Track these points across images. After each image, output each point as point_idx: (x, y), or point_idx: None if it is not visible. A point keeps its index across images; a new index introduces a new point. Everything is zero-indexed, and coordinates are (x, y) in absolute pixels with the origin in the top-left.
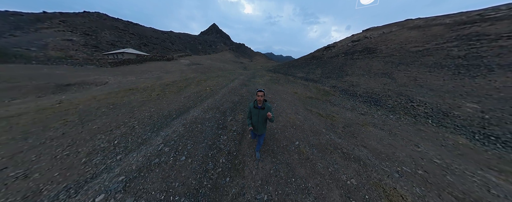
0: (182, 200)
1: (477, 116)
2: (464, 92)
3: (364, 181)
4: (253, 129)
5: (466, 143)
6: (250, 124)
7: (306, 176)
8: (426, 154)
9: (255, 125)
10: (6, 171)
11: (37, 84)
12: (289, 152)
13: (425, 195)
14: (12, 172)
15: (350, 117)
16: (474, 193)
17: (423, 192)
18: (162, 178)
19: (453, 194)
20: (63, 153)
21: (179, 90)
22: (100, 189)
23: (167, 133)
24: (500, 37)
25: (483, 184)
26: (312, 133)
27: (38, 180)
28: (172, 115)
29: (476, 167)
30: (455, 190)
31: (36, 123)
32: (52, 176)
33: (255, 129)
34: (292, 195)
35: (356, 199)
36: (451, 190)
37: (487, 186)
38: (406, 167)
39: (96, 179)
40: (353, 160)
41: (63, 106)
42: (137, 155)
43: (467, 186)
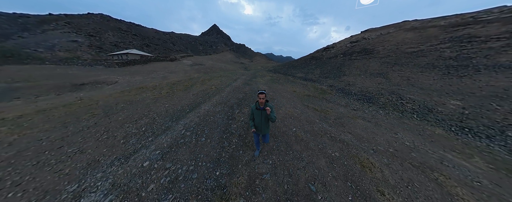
0: (208, 165)
1: (458, 112)
2: (451, 91)
3: (345, 154)
4: (256, 129)
5: (441, 133)
6: (253, 126)
7: (300, 150)
8: (401, 139)
9: (258, 126)
10: (64, 148)
11: (55, 83)
12: (288, 135)
13: (390, 163)
14: (69, 149)
15: (342, 112)
16: (428, 163)
17: (389, 161)
18: (189, 151)
19: (412, 163)
20: (102, 137)
21: (186, 88)
22: (144, 158)
23: (185, 122)
24: (489, 39)
25: (439, 159)
26: (307, 122)
27: (92, 154)
28: (186, 109)
29: (440, 149)
30: (414, 161)
31: (68, 115)
32: (102, 151)
33: (259, 130)
34: (290, 161)
35: (337, 165)
36: (411, 161)
37: (441, 160)
38: (381, 147)
39: (138, 153)
40: (339, 141)
41: (84, 102)
42: (165, 137)
43: (425, 159)
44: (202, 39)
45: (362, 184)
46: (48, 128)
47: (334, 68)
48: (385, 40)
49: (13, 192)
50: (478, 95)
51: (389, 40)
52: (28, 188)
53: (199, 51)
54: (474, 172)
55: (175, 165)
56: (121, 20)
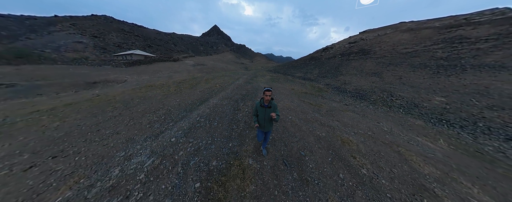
0: (222, 140)
1: (440, 107)
2: (438, 89)
3: (330, 135)
4: (259, 126)
5: (420, 124)
6: (256, 121)
7: (294, 131)
8: (381, 127)
9: (261, 123)
10: (102, 131)
11: (70, 81)
12: (284, 121)
13: (365, 141)
14: (106, 131)
15: (335, 106)
16: (397, 142)
17: (364, 140)
18: (205, 131)
19: (383, 141)
20: (130, 123)
21: (192, 87)
22: (170, 136)
23: (198, 112)
24: (479, 41)
25: (408, 140)
26: (302, 113)
27: (127, 134)
28: (196, 103)
29: (413, 134)
30: (386, 140)
31: (93, 108)
32: (133, 132)
33: (262, 126)
34: (286, 137)
35: (323, 140)
36: (383, 140)
37: (409, 141)
38: (361, 131)
39: (163, 133)
40: (326, 126)
41: (102, 98)
42: (183, 123)
43: (395, 140)
44: (203, 39)
45: (340, 152)
46: (81, 117)
47: (332, 68)
48: (382, 41)
49: (78, 157)
50: (461, 92)
51: (385, 41)
52: (88, 155)
53: (200, 51)
54: (433, 149)
55: (196, 140)
56: (124, 22)
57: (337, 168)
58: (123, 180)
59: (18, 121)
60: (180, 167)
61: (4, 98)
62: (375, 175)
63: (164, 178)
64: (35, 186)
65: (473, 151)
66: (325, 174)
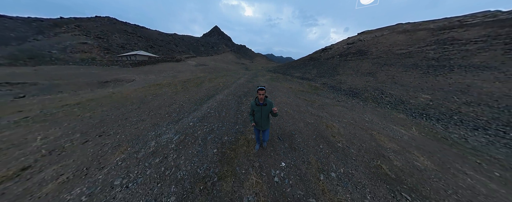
0: (230, 124)
1: (424, 103)
2: (425, 87)
3: (317, 122)
4: (256, 125)
5: (402, 117)
6: (253, 120)
7: (288, 119)
8: (364, 118)
9: (258, 121)
10: (129, 119)
11: (85, 81)
12: (281, 112)
13: (346, 126)
14: (132, 119)
15: (327, 102)
16: (373, 128)
17: (346, 126)
18: (216, 119)
19: (361, 127)
20: (150, 113)
21: (197, 85)
22: (188, 122)
23: (207, 105)
24: (468, 42)
25: (383, 127)
26: (296, 106)
27: (151, 121)
28: (204, 98)
29: (391, 124)
30: (364, 126)
31: (113, 102)
32: (156, 120)
33: (259, 125)
34: (281, 123)
35: (311, 125)
36: (361, 126)
37: (384, 128)
38: (345, 120)
39: (182, 120)
40: (316, 116)
41: (118, 95)
42: (196, 113)
43: (372, 126)
44: (204, 40)
45: (323, 133)
46: (106, 110)
47: (329, 68)
48: (379, 42)
49: (118, 135)
50: (445, 90)
51: (382, 42)
52: (125, 134)
53: (200, 52)
54: (402, 133)
55: (209, 124)
56: (127, 23)
57: (319, 142)
58: (160, 148)
59: (55, 112)
60: (200, 141)
61: (32, 95)
62: (347, 147)
63: (190, 147)
64: (95, 152)
65: (439, 137)
66: (309, 145)
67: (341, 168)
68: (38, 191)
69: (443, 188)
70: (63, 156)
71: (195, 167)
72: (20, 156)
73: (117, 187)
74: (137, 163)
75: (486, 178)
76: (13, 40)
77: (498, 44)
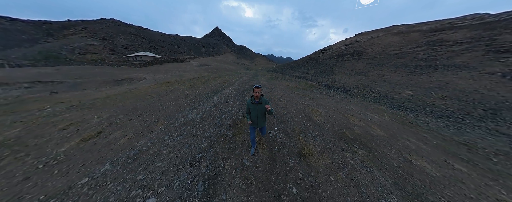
0: (237, 109)
1: (405, 98)
2: (410, 84)
3: (305, 108)
4: (253, 123)
5: (382, 108)
6: (249, 118)
7: (282, 106)
8: (346, 107)
9: (254, 119)
10: (156, 106)
11: (102, 79)
12: (276, 102)
13: (328, 111)
14: (159, 106)
15: (318, 96)
16: (350, 113)
17: (328, 111)
18: (226, 105)
19: (340, 112)
20: (171, 104)
21: (204, 83)
22: (205, 107)
23: (217, 97)
24: (455, 44)
25: (359, 113)
26: (290, 98)
27: (174, 108)
28: (213, 93)
29: (368, 112)
30: (342, 112)
31: (135, 96)
32: (178, 107)
33: (255, 123)
34: (276, 108)
35: (299, 110)
36: (341, 112)
37: (360, 114)
38: (329, 108)
39: (199, 107)
40: (305, 104)
41: (136, 91)
42: (209, 102)
43: (350, 112)
44: (205, 41)
45: (308, 115)
46: (133, 101)
47: (326, 68)
48: (374, 43)
49: (153, 115)
50: (426, 87)
51: (377, 43)
52: (158, 115)
53: (202, 53)
54: (373, 117)
55: (221, 108)
56: (130, 24)
57: (303, 119)
58: (188, 122)
59: (92, 102)
60: (216, 118)
61: (63, 91)
62: (323, 122)
63: (210, 120)
64: (142, 125)
65: (406, 122)
66: (295, 120)
67: (315, 132)
68: (116, 142)
69: (384, 144)
70: (120, 127)
71: (216, 130)
72: (90, 126)
73: (167, 140)
74: (175, 129)
75: (422, 143)
76: (25, 42)
77: (480, 46)
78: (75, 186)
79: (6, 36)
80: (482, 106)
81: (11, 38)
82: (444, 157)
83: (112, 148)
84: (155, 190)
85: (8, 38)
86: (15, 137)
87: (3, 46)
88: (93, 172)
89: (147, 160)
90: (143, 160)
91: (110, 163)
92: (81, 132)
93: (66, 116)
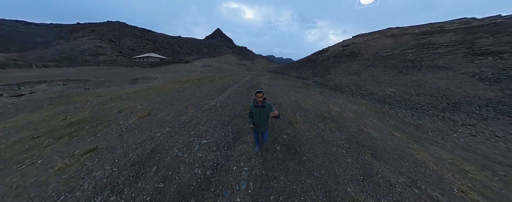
0: (245, 99)
1: (388, 95)
2: (394, 83)
3: (297, 99)
4: (255, 126)
5: (364, 102)
6: (251, 122)
7: (279, 98)
8: (332, 100)
9: (256, 123)
10: (180, 98)
11: (121, 78)
12: (275, 96)
13: (315, 102)
14: (182, 98)
15: (311, 92)
16: (332, 103)
17: (315, 102)
18: (236, 97)
19: (325, 103)
20: (191, 97)
21: (211, 82)
22: (220, 98)
23: (227, 92)
24: (441, 46)
25: (342, 105)
26: (286, 93)
27: (196, 99)
28: (222, 89)
29: (349, 104)
30: (327, 103)
31: (157, 92)
32: (199, 98)
33: (257, 127)
34: (275, 100)
35: (292, 101)
36: (326, 103)
37: (342, 105)
38: (317, 100)
39: (215, 98)
40: (298, 97)
41: (154, 88)
42: (222, 95)
43: (333, 103)
44: (206, 42)
45: (299, 104)
46: (158, 95)
47: (323, 69)
48: (369, 45)
49: (184, 104)
50: (408, 85)
51: (372, 45)
52: (187, 104)
53: (203, 54)
54: (351, 107)
55: (233, 99)
56: (135, 27)
57: (294, 106)
58: (211, 107)
59: (125, 96)
60: (231, 105)
61: (93, 88)
62: (309, 108)
63: (227, 107)
64: (176, 110)
65: (379, 111)
66: (288, 106)
67: (302, 113)
68: (164, 118)
69: (349, 121)
70: (161, 110)
71: (233, 111)
72: (139, 110)
73: (201, 117)
74: (204, 112)
75: (381, 123)
76: (40, 44)
77: (461, 49)
78: (154, 137)
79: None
80: (448, 100)
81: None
82: (391, 130)
83: (164, 121)
84: (204, 137)
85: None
86: (89, 116)
87: (20, 48)
88: (160, 131)
89: (192, 125)
90: (189, 125)
91: (169, 127)
92: (135, 113)
93: (113, 104)
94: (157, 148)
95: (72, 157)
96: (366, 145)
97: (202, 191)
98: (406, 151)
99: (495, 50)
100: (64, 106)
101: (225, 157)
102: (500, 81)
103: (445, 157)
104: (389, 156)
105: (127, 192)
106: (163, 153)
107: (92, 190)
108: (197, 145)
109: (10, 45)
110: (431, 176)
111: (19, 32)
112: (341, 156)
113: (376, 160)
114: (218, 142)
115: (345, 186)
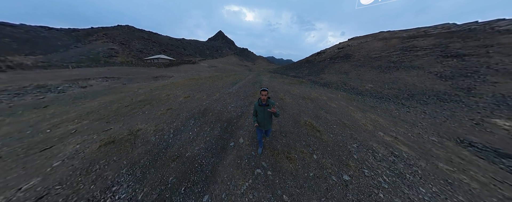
0: (251, 89)
1: (365, 89)
2: (373, 80)
3: (288, 90)
4: (259, 125)
5: (343, 94)
6: (256, 121)
7: (275, 89)
8: (316, 92)
9: (261, 121)
10: (204, 88)
11: (144, 76)
12: (274, 89)
13: (300, 91)
14: (205, 88)
15: (302, 87)
16: (316, 92)
17: (301, 91)
18: (245, 88)
19: (308, 92)
20: (211, 87)
21: (220, 79)
22: (234, 88)
23: (237, 85)
24: (421, 49)
25: (322, 93)
26: (281, 87)
27: (215, 89)
28: (232, 84)
29: (329, 93)
30: (310, 91)
31: (183, 85)
32: (218, 88)
33: (261, 125)
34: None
35: (284, 89)
36: (309, 92)
37: (323, 94)
38: (303, 90)
39: (230, 88)
40: (289, 88)
41: (176, 83)
42: (234, 88)
43: (314, 92)
44: (209, 44)
45: (289, 92)
46: (185, 87)
47: (319, 69)
48: (362, 47)
49: (208, 91)
50: (384, 82)
51: (364, 48)
52: (212, 91)
53: (206, 55)
54: (329, 95)
55: (242, 90)
56: (143, 30)
57: (286, 92)
58: (231, 92)
59: (161, 88)
60: (242, 93)
61: (128, 84)
62: (296, 94)
63: (241, 92)
64: (207, 94)
65: (351, 99)
66: (281, 93)
67: (290, 95)
68: (201, 98)
69: (322, 101)
70: (196, 94)
71: (246, 94)
72: (180, 95)
73: (226, 96)
74: (226, 94)
75: (346, 103)
76: (60, 48)
77: (436, 52)
78: (203, 104)
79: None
80: (409, 92)
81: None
82: (349, 106)
83: (202, 99)
84: (232, 104)
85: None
86: (148, 98)
87: (44, 51)
88: (205, 102)
89: (222, 100)
90: (221, 100)
91: (208, 102)
92: (179, 96)
93: (157, 92)
94: (208, 108)
95: (161, 111)
96: (324, 108)
97: (237, 119)
98: (349, 113)
99: (461, 53)
100: (121, 94)
101: (245, 111)
102: (453, 78)
103: (372, 117)
104: (335, 113)
105: (202, 119)
106: (212, 109)
107: (184, 120)
108: (229, 105)
109: (36, 49)
110: (354, 121)
111: (42, 37)
112: (306, 110)
113: (325, 112)
114: (241, 104)
115: (305, 118)
